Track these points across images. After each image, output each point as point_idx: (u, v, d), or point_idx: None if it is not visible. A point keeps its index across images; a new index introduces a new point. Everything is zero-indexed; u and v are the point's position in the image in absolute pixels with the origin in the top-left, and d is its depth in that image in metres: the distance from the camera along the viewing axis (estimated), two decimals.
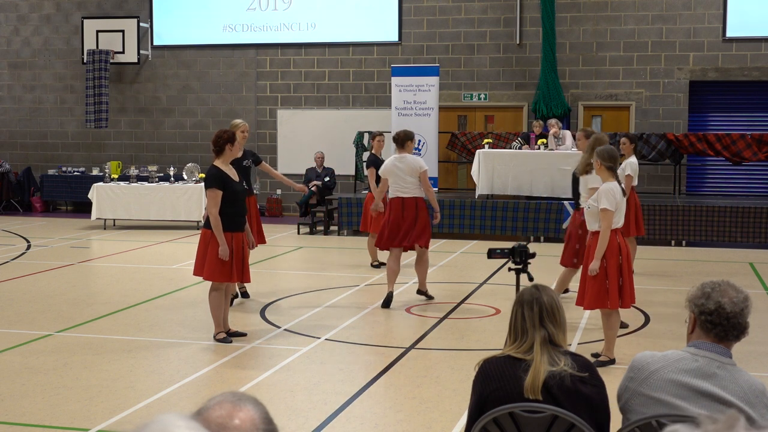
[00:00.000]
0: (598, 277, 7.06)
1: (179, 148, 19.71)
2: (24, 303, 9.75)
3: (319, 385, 6.74)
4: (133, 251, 13.83)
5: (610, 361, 7.20)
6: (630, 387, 3.24)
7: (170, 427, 1.48)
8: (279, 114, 19.16)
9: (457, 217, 15.23)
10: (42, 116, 20.47)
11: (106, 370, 7.10)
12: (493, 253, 6.54)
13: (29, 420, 5.89)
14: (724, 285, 3.18)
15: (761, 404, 3.08)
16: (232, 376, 7.10)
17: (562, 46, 17.60)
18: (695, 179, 17.71)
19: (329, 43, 18.81)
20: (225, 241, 7.73)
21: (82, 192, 17.90)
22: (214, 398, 1.74)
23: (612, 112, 17.70)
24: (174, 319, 8.97)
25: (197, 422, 1.53)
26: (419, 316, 9.19)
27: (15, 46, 20.49)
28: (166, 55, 19.69)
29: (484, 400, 3.51)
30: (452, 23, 18.16)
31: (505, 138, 16.70)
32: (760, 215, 14.27)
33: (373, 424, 5.89)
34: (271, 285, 10.67)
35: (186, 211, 16.32)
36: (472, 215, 15.20)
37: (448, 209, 15.20)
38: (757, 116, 17.35)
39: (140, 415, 6.00)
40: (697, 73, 17.27)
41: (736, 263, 12.71)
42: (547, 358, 3.49)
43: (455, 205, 15.26)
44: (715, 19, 17.12)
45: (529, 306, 3.58)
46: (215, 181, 7.84)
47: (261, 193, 19.21)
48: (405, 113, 16.64)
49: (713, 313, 3.13)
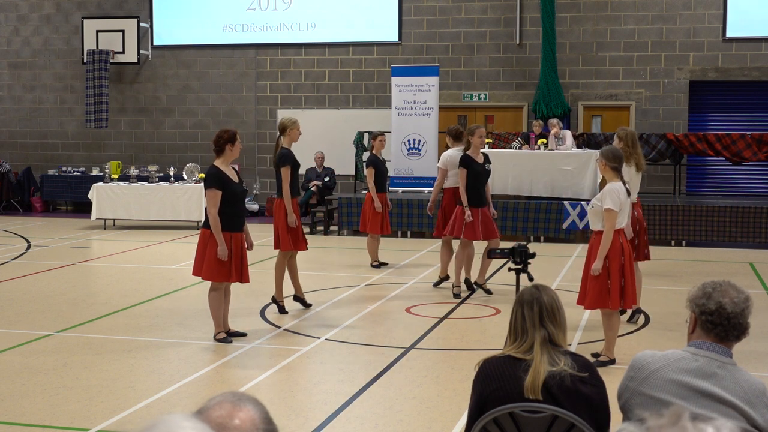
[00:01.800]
0: (600, 277, 7.05)
1: (179, 148, 19.71)
2: (24, 303, 9.75)
3: (319, 385, 6.74)
4: (133, 251, 13.83)
5: (610, 361, 7.20)
6: (630, 386, 3.24)
7: (176, 428, 1.48)
8: (279, 114, 19.13)
9: None
10: (42, 116, 20.47)
11: (106, 370, 7.10)
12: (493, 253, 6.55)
13: (29, 420, 5.89)
14: (725, 285, 3.18)
15: (762, 404, 3.08)
16: (232, 376, 7.10)
17: (562, 46, 17.61)
18: (695, 179, 17.72)
19: (329, 43, 18.81)
20: (224, 242, 7.73)
21: (82, 192, 17.90)
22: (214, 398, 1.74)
23: (612, 112, 17.70)
24: (174, 319, 8.97)
25: (202, 423, 1.53)
26: (419, 316, 9.19)
27: (15, 46, 20.50)
28: (166, 55, 19.69)
29: (484, 400, 3.51)
30: (452, 23, 18.17)
31: (505, 138, 16.70)
32: (760, 215, 14.27)
33: (373, 424, 5.89)
34: (271, 285, 10.66)
35: (186, 211, 16.33)
36: None
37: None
38: (757, 116, 17.35)
39: (140, 415, 6.00)
40: (697, 73, 17.27)
41: (736, 263, 12.71)
42: (547, 358, 3.49)
43: None
44: (715, 19, 17.12)
45: (529, 306, 3.58)
46: (214, 181, 7.84)
47: (261, 193, 19.22)
48: (405, 113, 16.64)
49: (714, 313, 3.13)
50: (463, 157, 10.05)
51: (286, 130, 9.21)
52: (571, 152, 15.17)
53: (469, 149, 10.06)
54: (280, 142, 9.21)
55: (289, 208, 9.01)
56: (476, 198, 10.02)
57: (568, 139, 15.47)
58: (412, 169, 16.56)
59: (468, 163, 9.99)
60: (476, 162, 10.05)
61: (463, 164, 9.99)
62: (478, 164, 10.06)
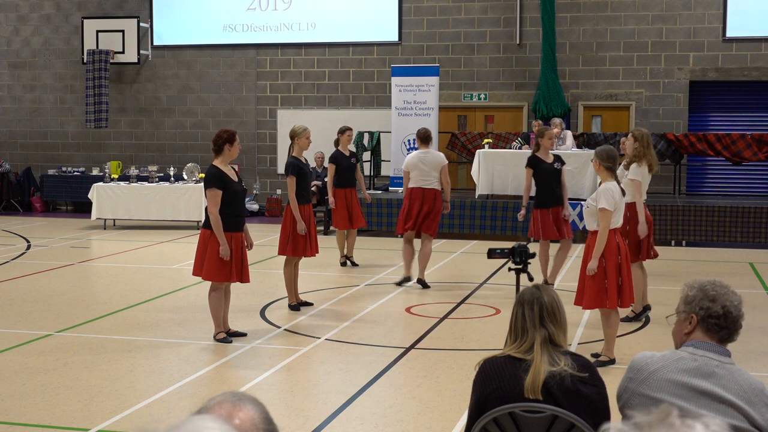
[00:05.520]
0: (597, 277, 7.06)
1: (179, 148, 19.71)
2: (24, 303, 9.75)
3: (319, 385, 6.74)
4: (133, 251, 13.83)
5: (610, 361, 7.20)
6: (629, 387, 3.24)
7: (202, 428, 1.48)
8: (279, 114, 19.16)
9: (457, 217, 15.23)
10: (42, 116, 20.47)
11: (106, 370, 7.10)
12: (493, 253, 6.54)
13: (29, 420, 5.89)
14: (724, 287, 3.21)
15: (761, 403, 3.08)
16: (232, 376, 7.10)
17: (562, 46, 17.61)
18: (695, 179, 17.72)
19: (329, 43, 18.81)
20: (225, 241, 7.73)
21: (82, 192, 17.90)
22: (214, 398, 1.74)
23: (612, 112, 17.70)
24: (174, 319, 8.97)
25: (228, 425, 1.54)
26: (419, 316, 9.19)
27: (15, 46, 20.50)
28: (166, 55, 19.69)
29: (484, 400, 3.51)
30: (452, 23, 18.17)
31: (505, 138, 16.70)
32: (760, 215, 14.27)
33: (373, 424, 5.88)
34: (270, 285, 10.67)
35: (186, 211, 16.33)
36: (472, 215, 15.20)
37: None
38: (757, 116, 17.35)
39: (140, 415, 6.00)
40: (697, 73, 17.27)
41: (736, 263, 12.71)
42: (548, 358, 3.49)
43: (455, 205, 15.24)
44: (715, 19, 17.12)
45: (529, 306, 3.58)
46: (215, 180, 7.84)
47: (261, 193, 19.22)
48: (405, 113, 16.64)
49: (721, 317, 3.16)
50: (531, 157, 10.28)
51: (294, 138, 9.30)
52: (571, 152, 15.17)
53: (539, 150, 10.24)
54: (291, 150, 9.33)
55: (297, 216, 9.12)
56: (547, 198, 10.18)
57: (569, 139, 15.47)
58: None
59: (534, 164, 10.20)
60: (545, 162, 10.20)
61: (529, 164, 10.24)
62: (547, 164, 10.21)
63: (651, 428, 1.42)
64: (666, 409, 1.45)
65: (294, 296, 9.41)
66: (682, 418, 1.42)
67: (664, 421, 1.42)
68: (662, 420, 1.42)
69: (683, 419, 1.42)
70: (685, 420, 1.42)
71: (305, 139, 9.33)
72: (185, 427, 1.48)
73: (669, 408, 1.45)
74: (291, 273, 9.32)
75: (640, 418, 1.44)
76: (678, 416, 1.43)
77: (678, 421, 1.41)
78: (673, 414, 1.43)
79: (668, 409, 1.45)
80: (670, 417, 1.42)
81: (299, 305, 9.39)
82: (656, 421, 1.42)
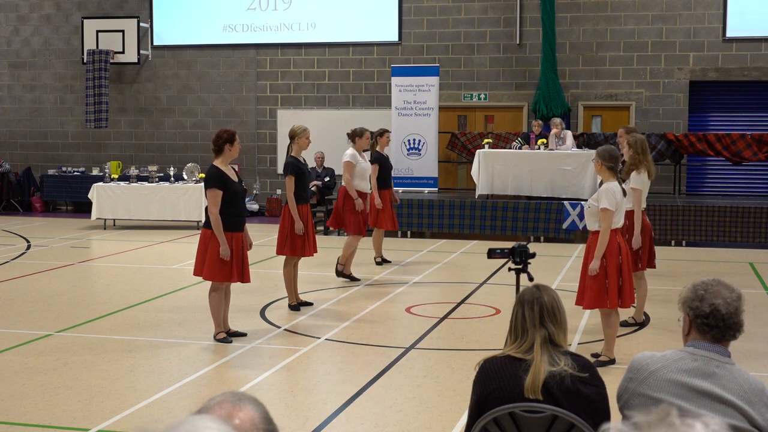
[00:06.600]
0: (598, 277, 7.06)
1: (179, 148, 19.71)
2: (24, 303, 9.75)
3: (319, 385, 6.74)
4: (133, 251, 13.83)
5: (610, 361, 7.20)
6: (629, 387, 3.24)
7: (201, 428, 1.48)
8: (279, 114, 19.15)
9: (457, 217, 15.23)
10: (42, 116, 20.47)
11: (106, 370, 7.10)
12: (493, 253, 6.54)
13: (29, 420, 5.89)
14: (716, 285, 3.18)
15: (761, 403, 3.08)
16: (232, 376, 7.10)
17: (562, 46, 17.60)
18: (695, 179, 17.71)
19: (329, 43, 18.81)
20: (226, 241, 7.73)
21: (82, 192, 17.89)
22: (214, 398, 1.74)
23: (612, 112, 17.70)
24: (174, 319, 8.97)
25: (227, 425, 1.54)
26: (419, 316, 9.19)
27: (15, 46, 20.49)
28: (166, 55, 19.69)
29: (484, 400, 3.51)
30: (452, 23, 18.16)
31: (505, 138, 16.71)
32: (760, 215, 14.27)
33: (373, 424, 5.88)
34: (270, 285, 10.67)
35: (186, 211, 16.32)
36: (472, 215, 15.20)
37: (448, 209, 15.21)
38: (757, 116, 17.35)
39: (140, 415, 6.00)
40: (697, 73, 17.27)
41: (736, 263, 12.71)
42: (548, 358, 3.49)
43: (455, 205, 15.25)
44: (715, 19, 17.12)
45: (529, 306, 3.58)
46: (215, 180, 7.84)
47: (261, 193, 19.22)
48: (405, 113, 16.64)
49: (709, 316, 3.13)
50: None
51: (294, 138, 9.29)
52: (571, 152, 15.18)
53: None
54: (290, 149, 9.32)
55: (295, 215, 9.12)
56: None
57: (569, 139, 15.48)
58: (412, 169, 16.58)
59: None
60: None
61: None
62: None
63: (651, 428, 1.42)
64: (666, 408, 1.45)
65: (294, 296, 9.42)
66: (681, 418, 1.43)
67: (664, 420, 1.42)
68: (662, 420, 1.43)
69: (683, 419, 1.43)
70: (685, 419, 1.42)
71: (305, 139, 9.33)
72: (185, 427, 1.48)
73: (669, 408, 1.45)
74: (290, 273, 9.33)
75: (640, 418, 1.45)
76: (678, 416, 1.43)
77: (678, 421, 1.42)
78: (673, 414, 1.43)
79: (668, 408, 1.45)
80: (669, 417, 1.43)
81: (299, 305, 9.39)
82: (656, 420, 1.43)
